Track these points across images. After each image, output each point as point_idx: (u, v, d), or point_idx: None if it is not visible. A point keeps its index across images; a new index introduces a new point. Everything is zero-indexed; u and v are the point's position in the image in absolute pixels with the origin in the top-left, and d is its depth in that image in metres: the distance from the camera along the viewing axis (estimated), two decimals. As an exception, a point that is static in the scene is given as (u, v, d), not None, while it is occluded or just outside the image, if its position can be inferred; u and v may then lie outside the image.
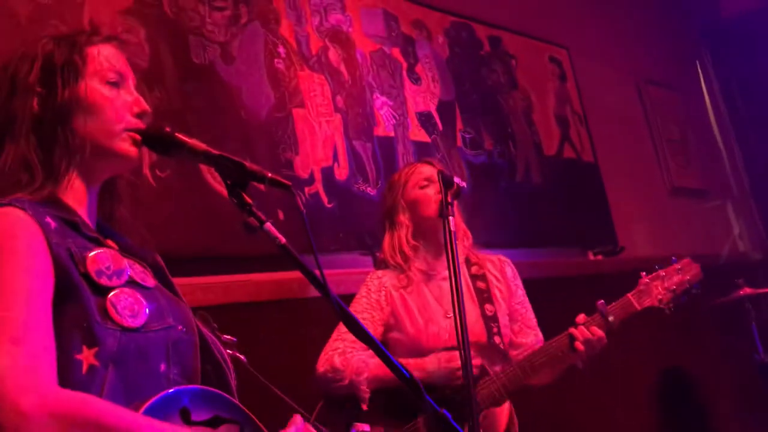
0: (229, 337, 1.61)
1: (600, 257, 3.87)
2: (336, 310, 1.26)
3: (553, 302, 3.35)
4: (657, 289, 2.10)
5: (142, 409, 1.03)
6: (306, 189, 2.67)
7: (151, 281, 1.22)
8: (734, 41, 5.69)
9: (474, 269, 2.26)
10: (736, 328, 3.86)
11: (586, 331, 2.00)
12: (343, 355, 2.10)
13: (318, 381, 2.13)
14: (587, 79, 4.36)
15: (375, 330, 2.18)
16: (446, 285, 2.11)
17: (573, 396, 2.54)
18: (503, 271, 2.29)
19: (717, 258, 4.89)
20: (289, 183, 1.32)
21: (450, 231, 1.95)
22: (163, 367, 1.14)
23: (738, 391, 4.35)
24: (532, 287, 2.85)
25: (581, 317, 2.05)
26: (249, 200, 1.29)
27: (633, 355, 3.83)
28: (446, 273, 2.12)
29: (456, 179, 2.06)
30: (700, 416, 4.29)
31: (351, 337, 2.08)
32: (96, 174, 1.28)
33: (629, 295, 2.09)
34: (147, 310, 1.14)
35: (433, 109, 3.33)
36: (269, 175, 1.30)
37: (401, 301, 2.21)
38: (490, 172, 3.52)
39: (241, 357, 1.66)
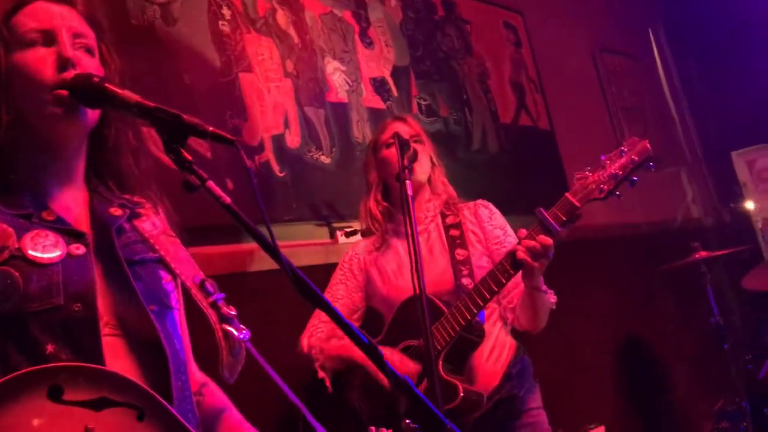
0: (228, 310, 1.37)
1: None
2: (287, 272, 1.18)
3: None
4: (599, 179, 1.92)
5: None
6: (256, 157, 2.56)
7: (58, 255, 1.13)
8: (687, 9, 5.71)
9: (449, 219, 2.25)
10: (693, 291, 3.89)
11: (528, 241, 1.89)
12: (311, 338, 2.18)
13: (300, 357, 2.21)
14: (542, 46, 4.31)
15: (352, 300, 2.27)
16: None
17: (536, 359, 2.50)
18: (477, 215, 2.27)
19: (672, 223, 4.93)
20: (233, 138, 1.21)
21: (406, 194, 1.90)
22: (50, 348, 1.06)
23: (694, 352, 4.41)
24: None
25: (523, 231, 1.97)
26: (188, 157, 1.18)
27: (592, 319, 3.84)
28: (418, 228, 2.09)
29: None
30: (658, 378, 4.34)
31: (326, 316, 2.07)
32: (52, 144, 1.22)
33: (567, 194, 1.94)
34: (24, 290, 1.06)
35: (387, 74, 3.23)
36: (210, 129, 1.19)
37: (374, 264, 2.26)
38: (447, 140, 3.44)
39: (241, 334, 1.42)
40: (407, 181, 1.95)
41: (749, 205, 5.44)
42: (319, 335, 2.20)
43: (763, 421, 3.63)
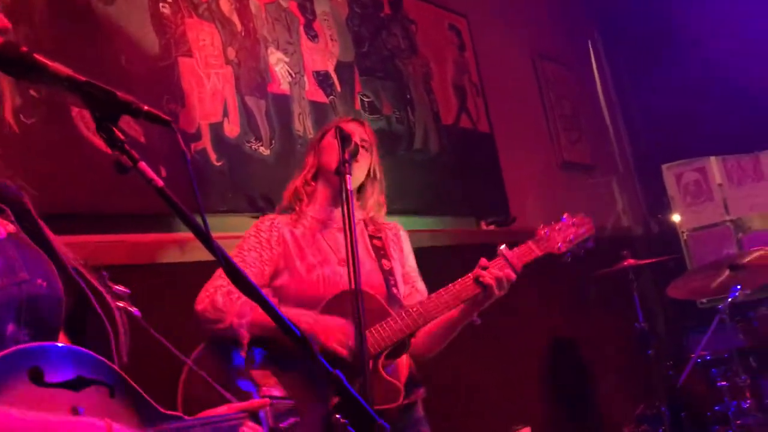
0: (121, 287, 1.37)
1: (492, 227, 3.89)
2: (220, 261, 1.14)
3: (447, 270, 3.34)
4: (556, 237, 2.21)
5: None
6: (192, 145, 2.49)
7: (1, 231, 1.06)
8: (624, 23, 5.88)
9: (371, 230, 2.24)
10: (620, 297, 4.00)
11: (495, 271, 2.03)
12: (228, 295, 1.95)
13: (196, 319, 1.98)
14: (485, 50, 4.36)
15: (262, 271, 2.07)
16: (341, 236, 2.07)
17: (466, 361, 2.53)
18: (398, 236, 2.28)
19: (602, 231, 5.06)
20: (169, 118, 1.17)
21: (346, 189, 1.89)
22: (10, 328, 1.00)
23: (619, 357, 4.53)
24: (427, 255, 2.81)
25: (484, 261, 2.07)
26: (121, 136, 1.13)
27: (524, 322, 3.90)
28: (340, 225, 2.08)
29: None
30: (583, 380, 4.45)
31: None
32: None
33: (530, 241, 2.17)
34: None
35: (331, 68, 3.20)
36: (145, 108, 1.15)
37: (294, 243, 2.12)
38: (389, 138, 3.44)
39: (134, 310, 1.44)
40: (348, 176, 1.94)
41: (676, 217, 5.64)
42: (239, 298, 1.95)
43: (680, 426, 3.76)
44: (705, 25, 5.35)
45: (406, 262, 2.25)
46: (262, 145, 2.74)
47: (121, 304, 1.25)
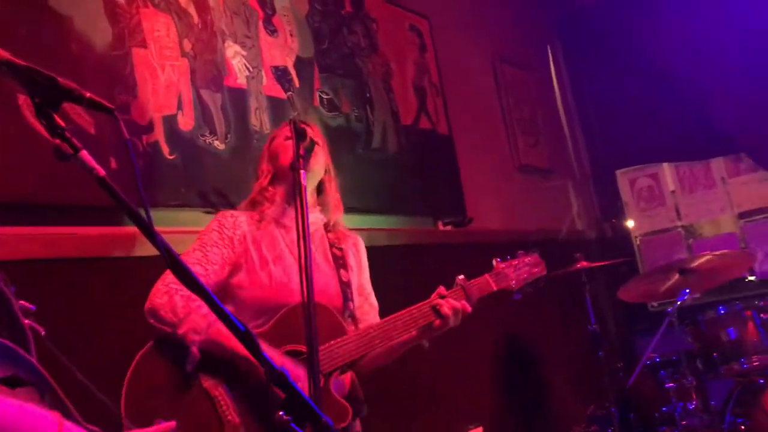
0: (26, 303, 1.32)
1: (449, 227, 3.90)
2: (162, 253, 1.11)
3: (405, 269, 3.35)
4: (511, 275, 2.32)
5: None
6: (144, 137, 2.44)
7: None
8: (583, 29, 5.96)
9: (332, 238, 2.20)
10: (573, 299, 4.05)
11: (451, 300, 2.07)
12: (188, 300, 1.86)
13: (149, 314, 1.89)
14: (446, 52, 4.37)
15: (223, 268, 2.00)
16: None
17: (416, 364, 2.53)
18: (357, 247, 2.26)
19: (558, 233, 5.12)
20: (112, 106, 1.14)
21: (300, 184, 1.86)
22: None
23: (571, 358, 4.59)
24: (384, 253, 2.80)
25: (442, 290, 2.10)
26: (61, 123, 1.10)
27: (476, 323, 3.91)
28: (308, 223, 2.05)
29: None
30: (536, 380, 4.49)
31: (199, 270, 1.93)
32: None
33: (487, 275, 2.26)
34: None
35: (290, 64, 3.17)
36: (88, 94, 1.11)
37: (254, 243, 2.07)
38: (347, 136, 3.42)
39: (39, 329, 1.37)
40: (302, 171, 1.90)
41: (630, 223, 5.74)
42: (199, 306, 1.88)
43: (629, 427, 3.83)
44: (661, 35, 5.46)
45: (362, 274, 2.24)
46: (216, 139, 2.70)
47: (27, 321, 1.19)
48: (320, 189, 2.22)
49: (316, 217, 2.17)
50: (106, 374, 2.08)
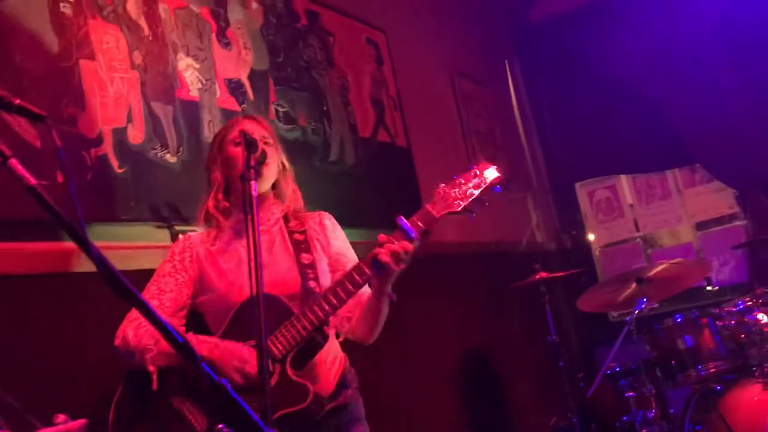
0: None
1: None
2: (95, 263, 1.07)
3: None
4: (455, 195, 2.01)
5: None
6: (93, 150, 2.38)
7: None
8: (540, 45, 6.05)
9: (293, 225, 2.20)
10: (533, 310, 4.07)
11: (391, 245, 1.93)
12: (138, 329, 1.98)
13: (114, 351, 2.01)
14: (403, 66, 4.39)
15: (180, 294, 2.09)
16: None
17: (375, 379, 2.50)
18: (322, 224, 2.25)
19: (518, 246, 5.15)
20: (43, 113, 1.10)
21: (250, 195, 1.85)
22: None
23: (533, 369, 4.60)
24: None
25: (382, 237, 2.00)
26: (-11, 130, 1.06)
27: (436, 332, 3.91)
28: (260, 229, 2.04)
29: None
30: (498, 392, 4.49)
31: (154, 304, 2.02)
32: None
33: (427, 205, 2.01)
34: None
35: (244, 77, 3.14)
36: (17, 101, 1.08)
37: (209, 260, 2.13)
38: (304, 149, 3.40)
39: None
40: (253, 182, 1.90)
41: (590, 236, 5.82)
42: (146, 331, 1.99)
43: (591, 436, 3.85)
44: (616, 50, 5.56)
45: (331, 248, 2.20)
46: (168, 152, 2.65)
47: None
48: (275, 183, 2.23)
49: (275, 210, 2.21)
50: (45, 390, 2.02)
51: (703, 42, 5.17)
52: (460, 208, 2.00)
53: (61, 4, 2.42)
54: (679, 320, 3.69)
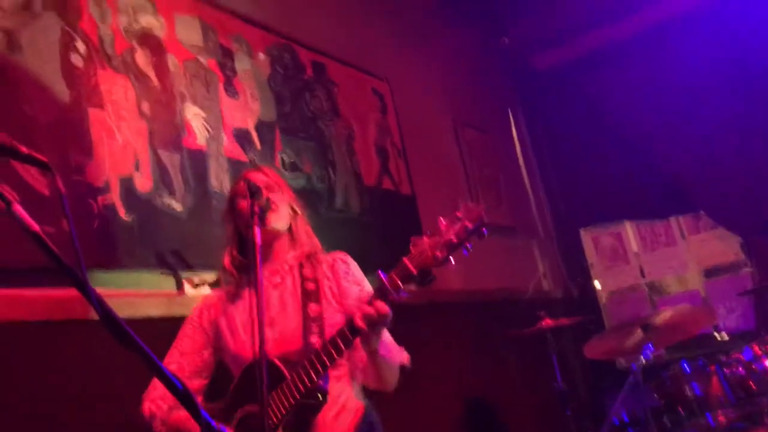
0: None
1: (412, 287, 3.88)
2: (96, 309, 1.09)
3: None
4: (433, 244, 1.85)
5: None
6: (100, 198, 2.41)
7: None
8: (543, 93, 6.14)
9: (306, 271, 2.17)
10: (539, 358, 4.03)
11: (365, 307, 1.85)
12: (153, 402, 2.09)
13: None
14: (407, 114, 4.45)
15: (201, 354, 2.16)
16: (275, 292, 2.14)
17: (384, 420, 2.46)
18: (334, 269, 2.19)
19: (523, 293, 5.13)
20: (46, 160, 1.12)
21: (254, 242, 1.87)
22: None
23: (539, 417, 4.53)
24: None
25: (362, 298, 1.96)
26: (-5, 178, 1.08)
27: (440, 380, 3.87)
28: (274, 280, 2.16)
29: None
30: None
31: (173, 368, 2.10)
32: None
33: (404, 259, 1.87)
34: None
35: (251, 126, 3.19)
36: (23, 149, 1.10)
37: (224, 315, 2.17)
38: (309, 197, 3.43)
39: None
40: (256, 228, 1.92)
41: (596, 284, 5.80)
42: (161, 403, 2.08)
43: (600, 487, 3.76)
44: (618, 96, 5.64)
45: (345, 296, 2.14)
46: (174, 200, 2.68)
47: None
48: (289, 228, 2.23)
49: (289, 258, 2.20)
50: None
51: (705, 90, 5.24)
52: (438, 262, 1.84)
53: (72, 55, 2.48)
54: (686, 367, 3.64)
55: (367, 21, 4.42)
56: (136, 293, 2.48)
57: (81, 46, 2.51)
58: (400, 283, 1.87)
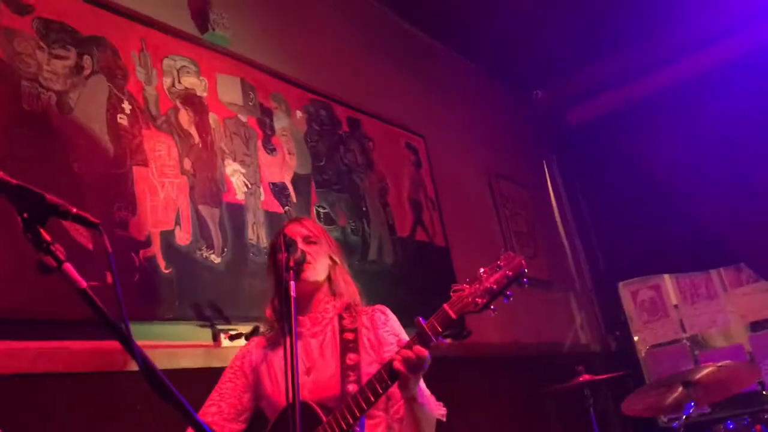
0: None
1: (449, 340, 3.87)
2: (138, 362, 1.13)
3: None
4: (473, 291, 1.94)
5: None
6: (141, 252, 2.49)
7: None
8: (578, 146, 6.17)
9: (345, 322, 2.21)
10: (576, 414, 3.95)
11: (404, 351, 1.89)
12: None
13: None
14: (441, 168, 4.51)
15: (241, 398, 2.19)
16: (314, 341, 2.17)
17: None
18: (373, 320, 2.23)
19: (560, 347, 5.06)
20: (97, 221, 1.19)
21: (289, 296, 1.92)
22: None
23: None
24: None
25: (401, 342, 2.02)
26: (47, 237, 1.15)
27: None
28: (314, 330, 2.20)
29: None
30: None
31: (212, 410, 2.15)
32: None
33: (445, 305, 1.94)
34: None
35: (287, 180, 3.27)
36: (74, 210, 1.17)
37: (264, 362, 2.21)
38: (344, 248, 3.45)
39: None
40: (291, 282, 1.97)
41: (635, 338, 5.70)
42: None
43: None
44: (656, 149, 5.63)
45: (383, 346, 2.16)
46: (213, 253, 2.75)
47: None
48: (329, 277, 2.27)
49: (329, 309, 2.24)
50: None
51: (742, 140, 5.21)
52: (478, 309, 1.91)
53: (119, 116, 2.60)
54: (730, 426, 3.55)
55: (402, 78, 4.53)
56: (174, 345, 2.53)
57: (127, 106, 2.63)
58: (439, 327, 1.92)
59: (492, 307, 1.93)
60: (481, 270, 1.97)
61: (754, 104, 5.18)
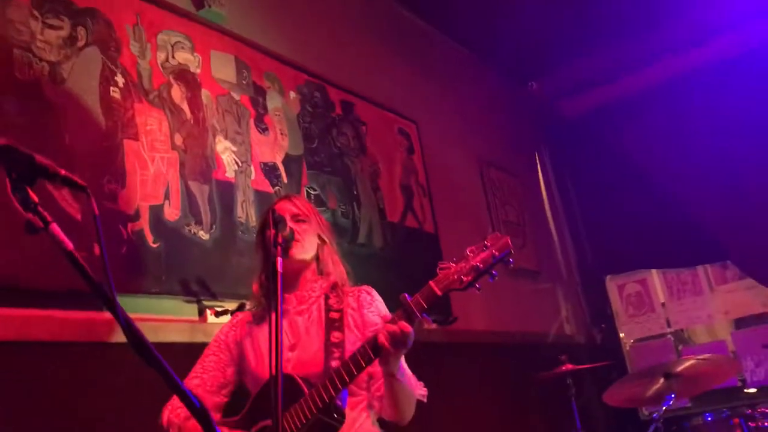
0: None
1: (434, 326, 3.90)
2: (122, 325, 1.14)
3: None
4: (459, 269, 1.94)
5: None
6: (129, 225, 2.49)
7: None
8: (570, 138, 6.18)
9: (331, 302, 2.23)
10: (559, 402, 3.99)
11: (389, 326, 1.91)
12: (172, 412, 2.14)
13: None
14: (434, 155, 4.52)
15: (224, 372, 2.22)
16: (300, 318, 2.20)
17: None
18: (358, 300, 2.25)
19: (546, 337, 5.10)
20: (84, 183, 1.19)
21: (276, 271, 1.92)
22: None
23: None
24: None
25: (387, 317, 2.02)
26: (35, 198, 1.15)
27: (458, 422, 3.84)
28: (300, 308, 2.22)
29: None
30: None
31: (195, 382, 2.18)
32: None
33: (430, 282, 1.95)
34: None
35: (279, 161, 3.27)
36: (62, 172, 1.17)
37: (248, 337, 2.23)
38: (334, 231, 3.47)
39: None
40: (278, 258, 1.97)
41: (621, 333, 5.74)
42: (179, 412, 2.14)
43: None
44: (645, 144, 5.66)
45: (366, 325, 2.18)
46: (201, 229, 2.75)
47: None
48: (316, 256, 2.29)
49: (316, 287, 2.26)
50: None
51: (733, 138, 5.24)
52: (463, 286, 1.92)
53: (111, 89, 2.59)
54: (709, 419, 3.59)
55: (397, 63, 4.53)
56: (159, 318, 2.54)
57: (120, 79, 2.63)
58: (424, 303, 1.92)
59: (477, 285, 1.94)
60: (468, 249, 1.97)
61: (746, 102, 5.20)
